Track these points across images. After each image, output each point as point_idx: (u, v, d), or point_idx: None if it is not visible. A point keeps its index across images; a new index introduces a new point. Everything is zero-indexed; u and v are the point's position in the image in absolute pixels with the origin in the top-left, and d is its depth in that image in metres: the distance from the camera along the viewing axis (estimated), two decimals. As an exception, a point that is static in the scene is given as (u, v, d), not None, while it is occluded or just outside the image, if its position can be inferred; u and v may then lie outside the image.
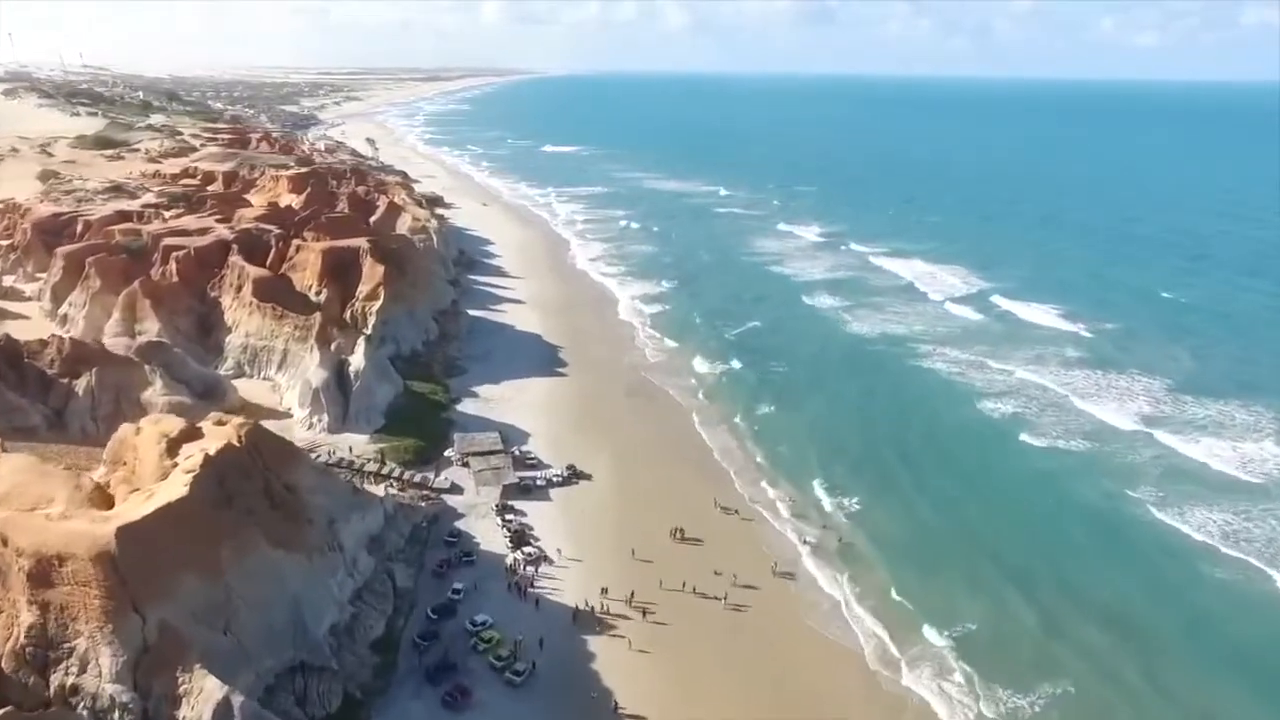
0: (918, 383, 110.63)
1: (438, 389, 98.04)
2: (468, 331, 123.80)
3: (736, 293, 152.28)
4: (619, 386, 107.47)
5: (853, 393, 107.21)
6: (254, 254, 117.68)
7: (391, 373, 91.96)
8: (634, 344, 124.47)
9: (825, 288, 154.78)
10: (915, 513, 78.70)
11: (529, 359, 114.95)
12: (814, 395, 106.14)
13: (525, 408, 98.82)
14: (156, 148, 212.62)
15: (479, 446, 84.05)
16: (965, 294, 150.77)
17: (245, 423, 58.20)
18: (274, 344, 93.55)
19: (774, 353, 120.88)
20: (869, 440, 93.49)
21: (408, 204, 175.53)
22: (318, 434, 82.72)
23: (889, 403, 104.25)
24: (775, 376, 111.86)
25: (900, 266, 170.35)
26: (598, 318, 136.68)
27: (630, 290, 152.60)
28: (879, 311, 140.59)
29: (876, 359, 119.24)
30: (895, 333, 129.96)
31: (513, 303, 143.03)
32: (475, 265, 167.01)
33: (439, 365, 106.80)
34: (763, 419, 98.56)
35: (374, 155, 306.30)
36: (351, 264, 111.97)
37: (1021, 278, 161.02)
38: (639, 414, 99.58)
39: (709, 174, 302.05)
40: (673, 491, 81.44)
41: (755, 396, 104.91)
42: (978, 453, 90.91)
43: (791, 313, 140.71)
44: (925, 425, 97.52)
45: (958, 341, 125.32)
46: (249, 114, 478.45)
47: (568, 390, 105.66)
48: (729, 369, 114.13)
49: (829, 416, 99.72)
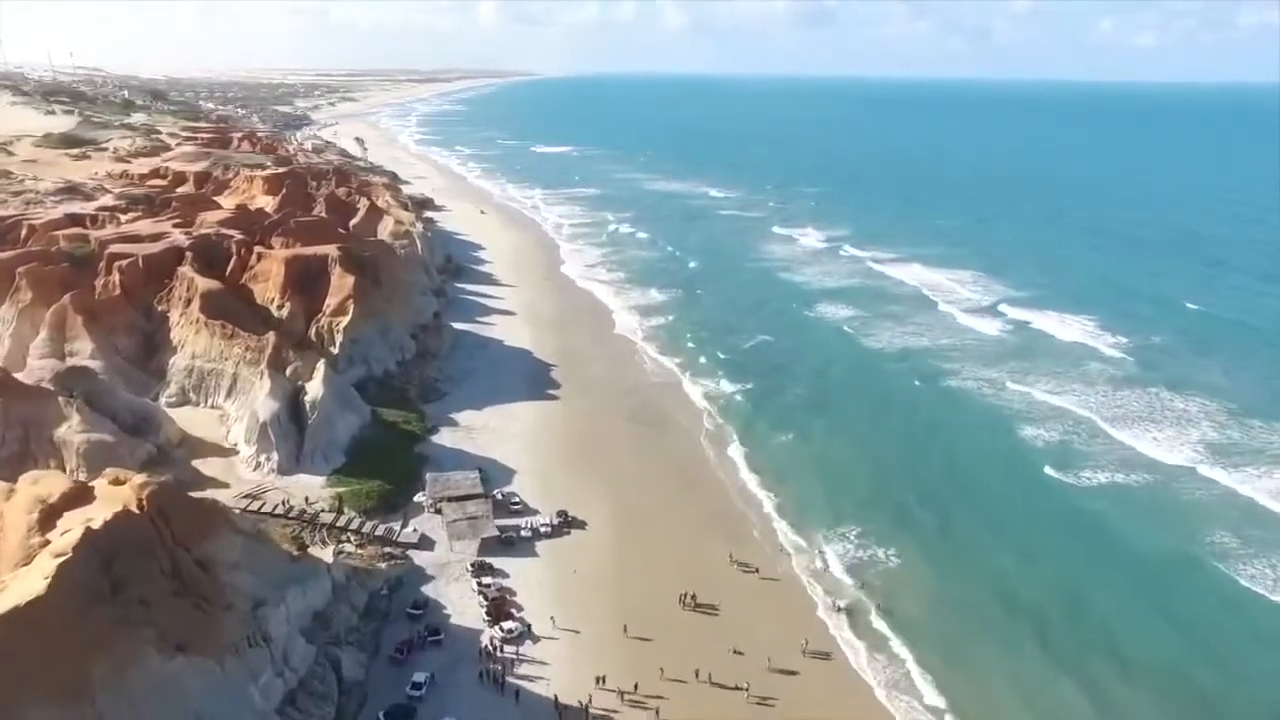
0: (937, 406, 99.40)
1: (411, 418, 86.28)
2: (450, 348, 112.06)
3: (740, 302, 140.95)
4: (617, 412, 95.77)
5: (870, 418, 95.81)
6: (213, 263, 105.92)
7: (356, 401, 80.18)
8: (633, 361, 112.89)
9: (833, 297, 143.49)
10: (954, 567, 67.54)
11: (517, 380, 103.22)
12: (831, 421, 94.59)
13: (511, 439, 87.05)
14: (127, 147, 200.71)
15: (455, 489, 72.29)
16: (976, 303, 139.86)
17: (149, 482, 46.38)
18: (223, 367, 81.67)
19: (785, 371, 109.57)
20: (894, 476, 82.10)
21: (391, 207, 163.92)
22: (265, 475, 70.89)
23: (909, 430, 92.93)
24: (789, 399, 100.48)
25: (907, 273, 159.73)
26: (593, 331, 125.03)
27: (628, 299, 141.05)
28: (890, 323, 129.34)
29: (892, 379, 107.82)
30: (909, 348, 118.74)
31: (502, 314, 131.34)
32: (463, 272, 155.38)
33: (415, 388, 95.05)
34: (778, 450, 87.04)
35: (363, 155, 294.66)
36: (319, 274, 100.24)
37: (1032, 284, 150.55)
38: (640, 445, 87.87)
39: (708, 175, 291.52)
40: (681, 542, 69.80)
41: (769, 423, 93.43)
42: (1011, 492, 79.75)
43: (800, 325, 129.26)
44: (949, 458, 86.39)
45: (973, 358, 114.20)
46: (241, 114, 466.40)
47: (560, 417, 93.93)
48: (739, 390, 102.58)
49: (848, 446, 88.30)
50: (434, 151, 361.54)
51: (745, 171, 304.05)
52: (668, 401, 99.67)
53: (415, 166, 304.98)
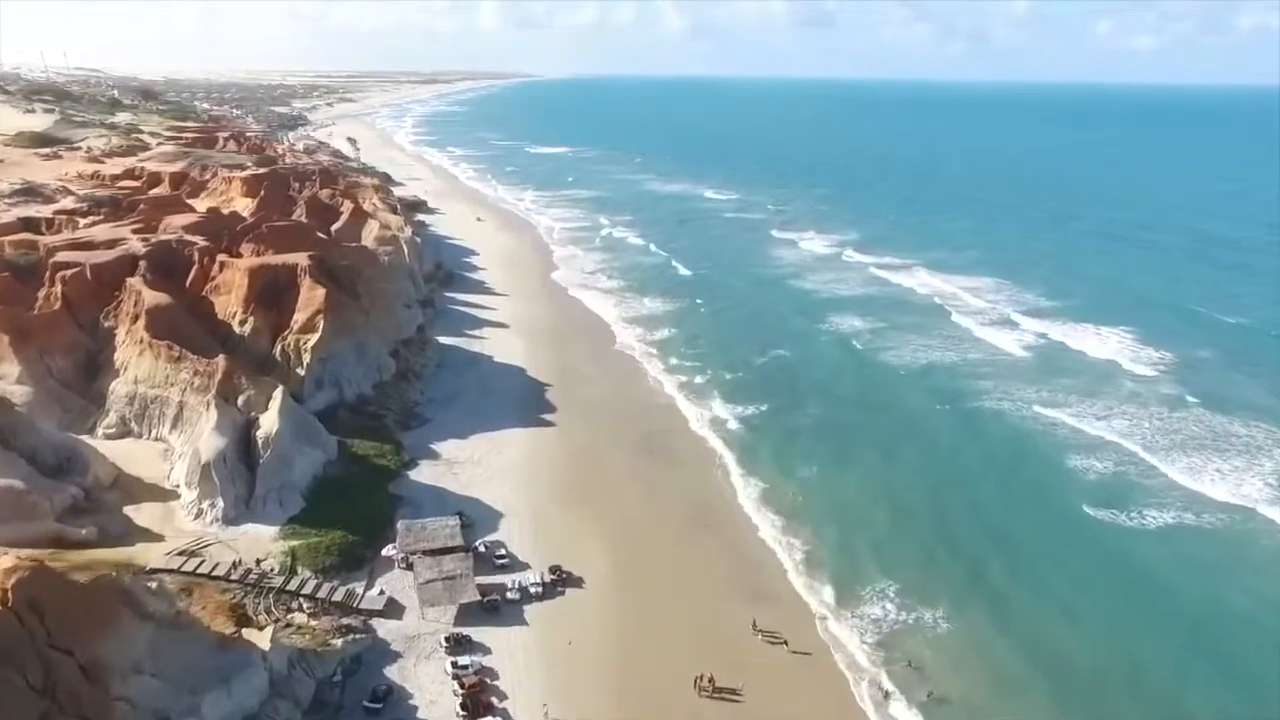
0: (964, 434, 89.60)
1: (386, 450, 76.06)
2: (436, 366, 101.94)
3: (745, 313, 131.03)
4: (619, 440, 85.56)
5: (894, 447, 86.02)
6: (172, 272, 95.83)
7: (320, 434, 69.93)
8: (635, 380, 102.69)
9: (842, 307, 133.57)
10: (1002, 631, 58.16)
11: (508, 402, 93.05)
12: (854, 451, 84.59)
13: (499, 474, 76.85)
14: (101, 146, 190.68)
15: (430, 540, 62.09)
16: (991, 314, 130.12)
17: (20, 566, 36.21)
18: (168, 394, 71.48)
19: (799, 391, 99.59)
20: (928, 517, 72.64)
21: (378, 210, 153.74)
22: (208, 525, 60.65)
23: (936, 462, 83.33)
24: (806, 424, 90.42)
25: (914, 280, 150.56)
26: (592, 345, 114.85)
27: (628, 310, 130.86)
28: (905, 337, 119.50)
29: (913, 401, 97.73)
30: (928, 365, 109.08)
31: (494, 326, 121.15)
32: (454, 280, 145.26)
33: (393, 414, 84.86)
34: (800, 486, 76.95)
35: (355, 156, 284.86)
36: (288, 286, 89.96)
37: (1046, 292, 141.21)
38: (645, 480, 77.64)
39: (709, 177, 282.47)
40: (695, 604, 59.71)
41: (787, 453, 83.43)
42: (1052, 537, 70.45)
43: (810, 339, 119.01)
44: (983, 495, 76.91)
45: (996, 377, 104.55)
46: (236, 114, 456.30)
47: (555, 446, 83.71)
48: (752, 413, 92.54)
49: (875, 481, 78.60)
50: (430, 152, 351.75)
51: (744, 173, 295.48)
52: (674, 427, 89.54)
53: (410, 168, 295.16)
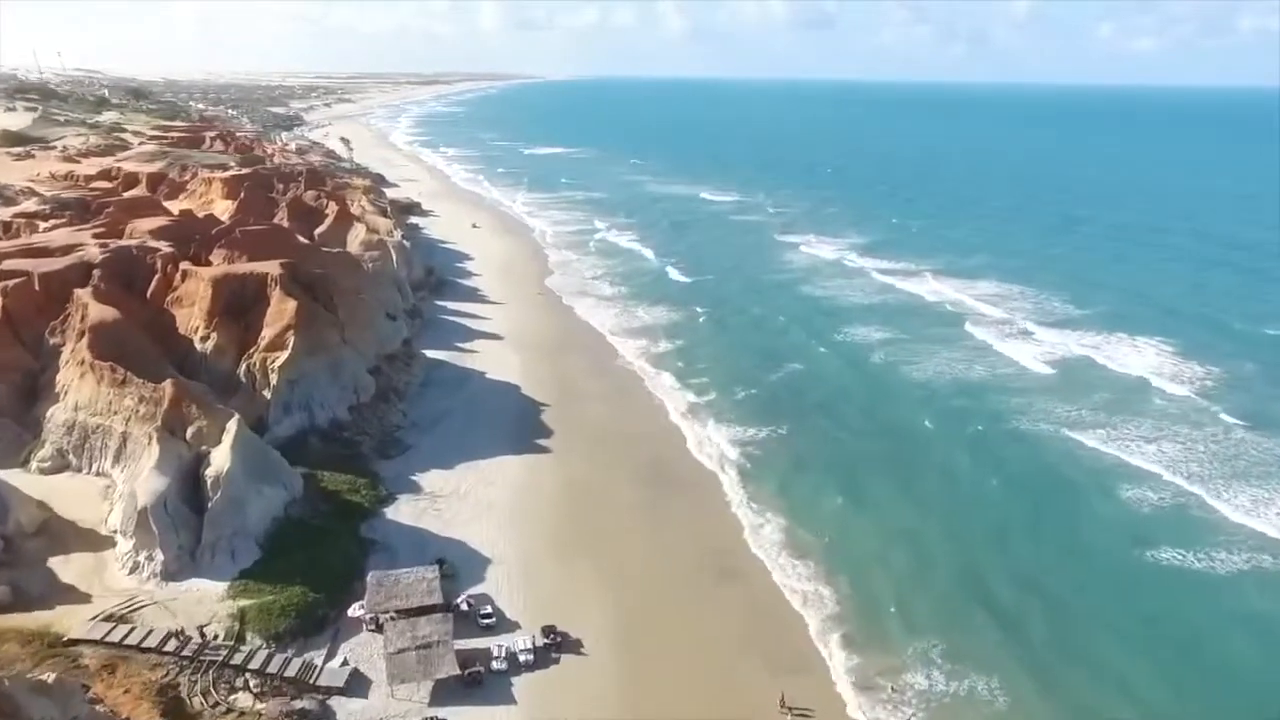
0: (996, 461, 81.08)
1: (360, 484, 67.55)
2: (421, 384, 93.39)
3: (752, 323, 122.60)
4: (622, 470, 77.05)
5: (924, 475, 77.97)
6: (132, 282, 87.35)
7: (281, 470, 61.33)
8: (640, 399, 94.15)
9: (854, 317, 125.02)
10: (1067, 706, 49.47)
11: (500, 425, 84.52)
12: (882, 481, 76.50)
13: (487, 511, 68.36)
14: (78, 146, 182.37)
15: (404, 596, 53.57)
16: (1008, 325, 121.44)
17: None
18: (110, 423, 62.96)
19: (814, 412, 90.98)
20: (968, 558, 65.09)
21: (366, 212, 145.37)
22: (145, 581, 52.08)
23: (972, 493, 75.29)
24: (824, 451, 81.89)
25: (924, 287, 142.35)
26: (592, 360, 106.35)
27: (630, 320, 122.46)
28: (920, 350, 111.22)
29: (935, 422, 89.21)
30: (948, 382, 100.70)
31: (487, 338, 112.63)
32: (446, 287, 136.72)
33: (370, 441, 76.33)
34: (825, 523, 68.58)
35: (348, 156, 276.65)
36: (256, 297, 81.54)
37: (1063, 301, 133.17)
38: (652, 518, 69.17)
39: (709, 178, 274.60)
40: (712, 674, 51.34)
41: (810, 483, 75.25)
42: (1108, 585, 62.22)
43: (823, 353, 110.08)
44: (1025, 533, 68.76)
45: (1021, 394, 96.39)
46: (231, 114, 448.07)
47: (551, 476, 75.19)
48: (769, 437, 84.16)
49: (907, 516, 70.62)
50: (426, 153, 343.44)
51: (743, 174, 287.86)
52: (680, 454, 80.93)
53: (405, 168, 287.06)
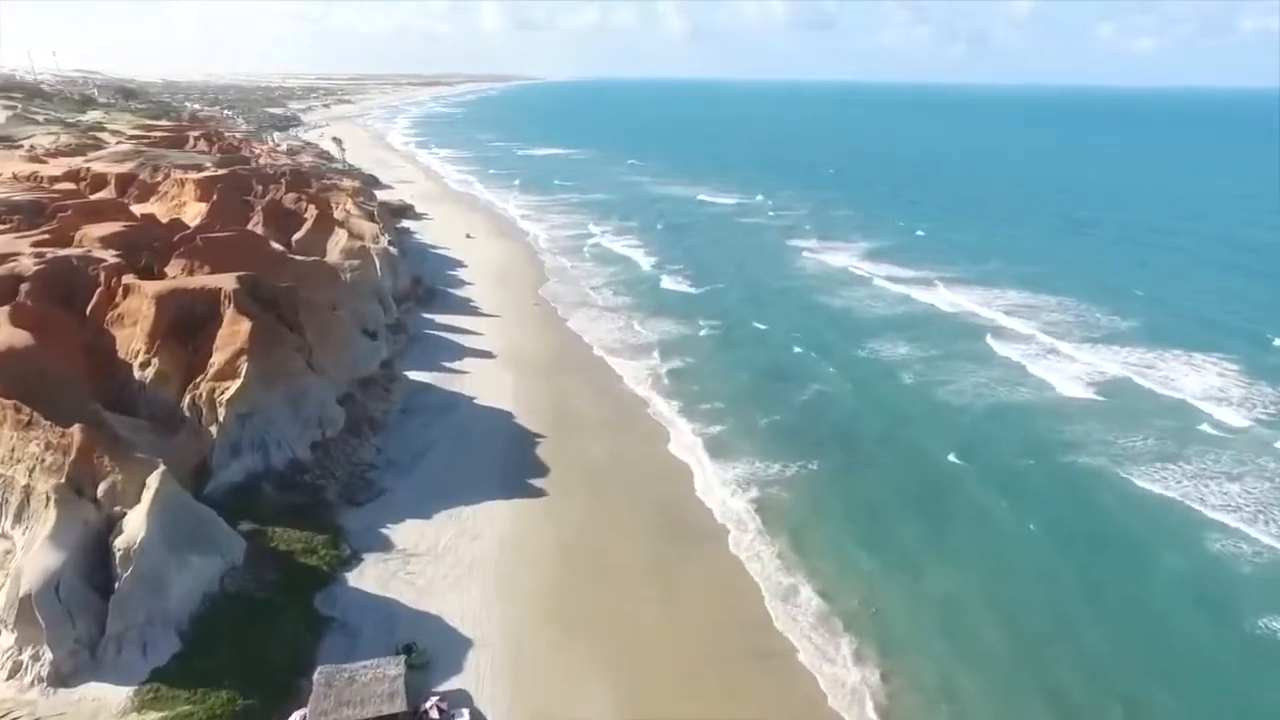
0: (1047, 504, 70.02)
1: (319, 541, 56.93)
2: (401, 411, 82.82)
3: (766, 338, 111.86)
4: (626, 518, 66.41)
5: (967, 525, 66.76)
6: (72, 297, 77.05)
7: (216, 532, 50.65)
8: (645, 427, 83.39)
9: (873, 331, 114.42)
10: None
11: (488, 462, 73.93)
12: (918, 529, 65.96)
13: (470, 572, 57.76)
14: (48, 145, 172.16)
15: (359, 700, 42.90)
16: (1034, 341, 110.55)
17: None
18: (13, 474, 52.32)
19: (841, 442, 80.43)
20: (1028, 642, 53.35)
21: (350, 216, 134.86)
22: (27, 688, 41.49)
23: (1020, 548, 64.05)
24: (856, 492, 71.38)
25: (942, 297, 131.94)
26: (593, 382, 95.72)
27: (634, 334, 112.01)
28: (947, 367, 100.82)
29: (974, 455, 78.03)
30: (982, 410, 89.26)
31: (478, 356, 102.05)
32: (435, 298, 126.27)
33: (337, 484, 65.71)
34: (871, 589, 57.99)
35: (340, 157, 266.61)
36: (208, 317, 71.04)
37: (1086, 312, 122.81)
38: (661, 581, 58.48)
39: (709, 179, 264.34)
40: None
41: (839, 538, 64.51)
42: (1212, 674, 51.31)
43: (844, 372, 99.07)
44: (1087, 603, 57.61)
45: (1066, 424, 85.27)
46: (227, 115, 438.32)
47: (545, 526, 64.56)
48: (788, 476, 73.68)
49: (951, 579, 59.65)
50: (422, 154, 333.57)
51: (743, 174, 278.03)
52: (693, 498, 70.19)
53: (400, 169, 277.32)
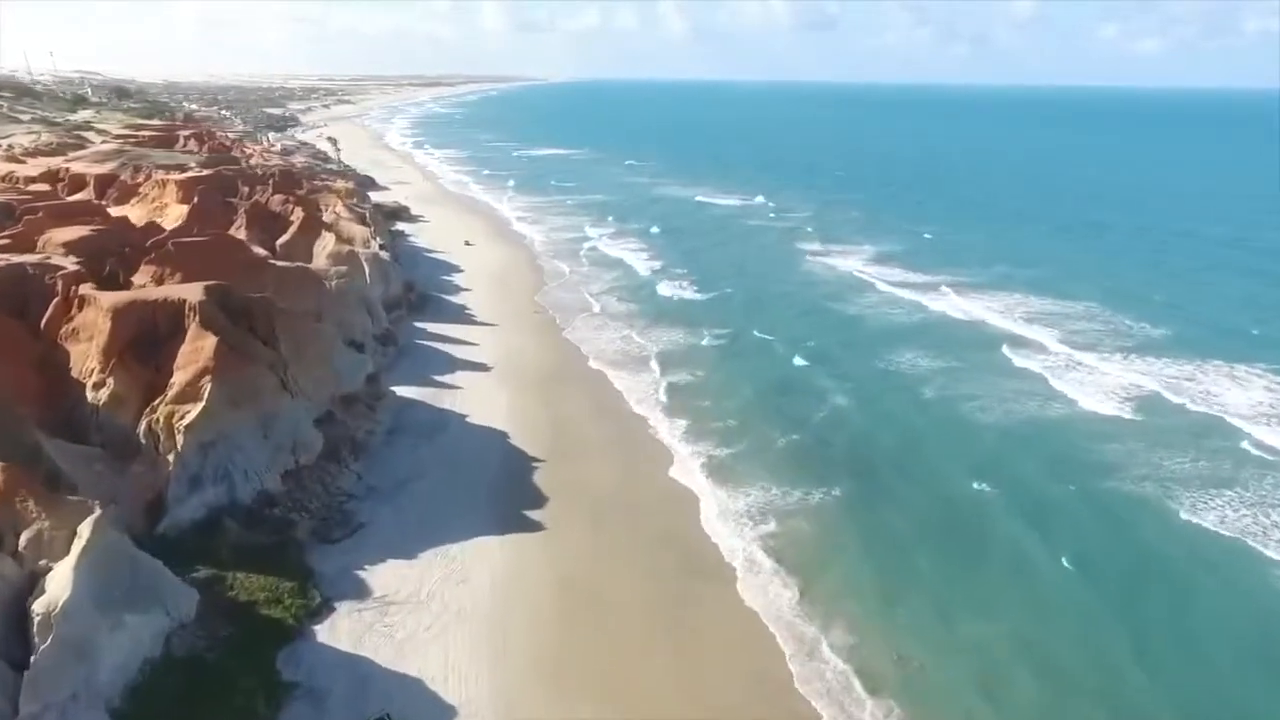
0: (1087, 541, 62.06)
1: (285, 588, 50.42)
2: (387, 432, 76.33)
3: (773, 350, 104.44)
4: (632, 557, 59.89)
5: (999, 565, 59.11)
6: (26, 308, 70.54)
7: (160, 585, 44.17)
8: (648, 450, 76.55)
9: (884, 342, 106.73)
10: None
11: (480, 491, 67.42)
12: (947, 569, 58.47)
13: (456, 626, 51.18)
14: (27, 144, 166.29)
15: (320, 793, 36.57)
16: (1056, 353, 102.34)
17: None
18: (-67, 517, 46.05)
19: (857, 467, 72.79)
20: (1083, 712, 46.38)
21: (340, 219, 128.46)
22: (-76, 785, 35.26)
23: (1060, 592, 56.42)
24: (876, 524, 63.99)
25: (955, 305, 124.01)
26: (593, 396, 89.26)
27: (635, 345, 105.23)
28: (966, 382, 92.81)
29: (1002, 482, 70.29)
30: (1005, 427, 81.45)
31: (472, 370, 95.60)
32: (429, 305, 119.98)
33: (309, 519, 59.18)
34: (892, 638, 51.25)
35: (336, 157, 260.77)
36: (172, 332, 64.60)
37: (1106, 320, 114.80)
38: (674, 634, 51.93)
39: (713, 181, 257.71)
40: None
41: (861, 578, 57.26)
42: None
43: (856, 387, 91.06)
44: (1139, 665, 49.64)
45: (1097, 445, 77.04)
46: (224, 115, 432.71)
47: (542, 567, 58.04)
48: (803, 506, 66.86)
49: (986, 629, 52.24)
50: (420, 154, 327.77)
51: (743, 175, 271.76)
52: (708, 530, 63.66)
53: (398, 170, 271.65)
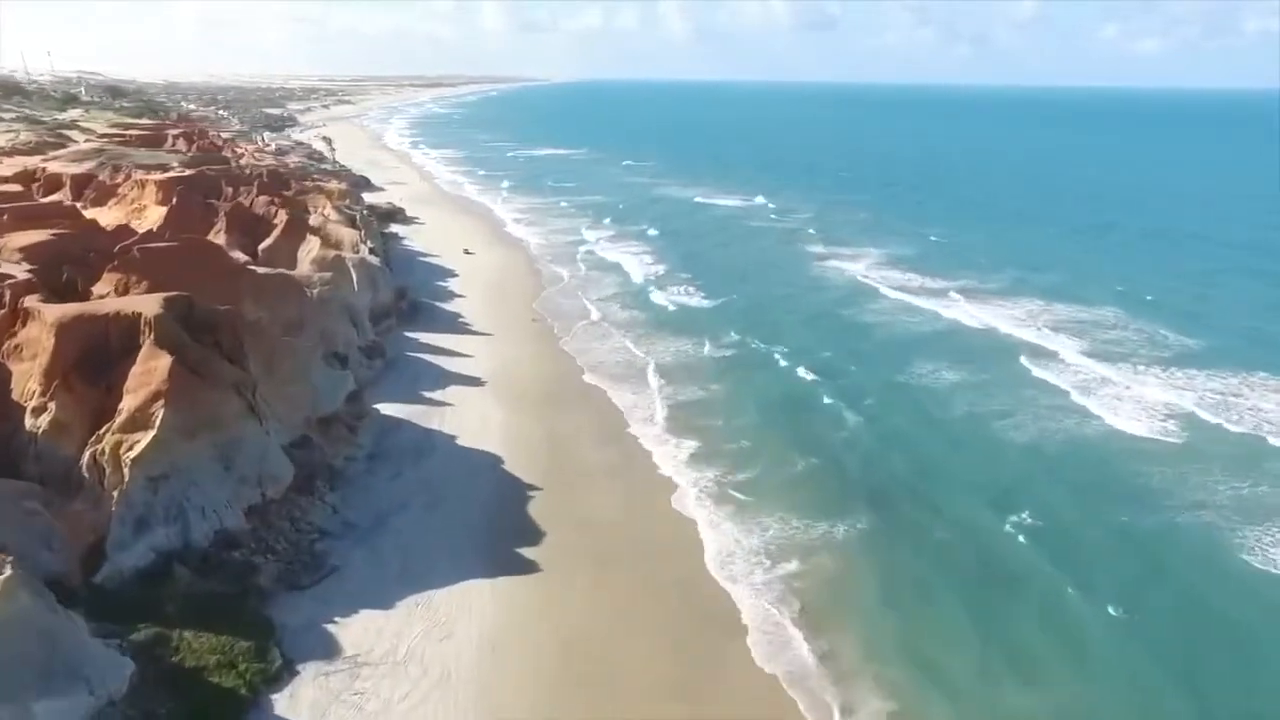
0: (1135, 592, 54.57)
1: (239, 651, 43.64)
2: (368, 456, 69.65)
3: (782, 363, 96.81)
4: (640, 606, 53.11)
5: (1038, 620, 51.46)
6: (-31, 321, 64.39)
7: (82, 655, 37.51)
8: (656, 480, 69.51)
9: (897, 354, 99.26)
10: None
11: (469, 527, 60.67)
12: (982, 625, 50.89)
13: (438, 694, 44.33)
14: (2, 143, 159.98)
15: None
16: (1080, 367, 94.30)
17: None
18: None
19: (876, 499, 65.75)
20: None
21: (328, 222, 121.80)
22: None
23: (1114, 657, 48.86)
24: (902, 566, 57.07)
25: (967, 312, 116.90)
26: (595, 415, 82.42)
27: (638, 358, 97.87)
28: (986, 401, 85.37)
29: (1035, 517, 62.57)
30: (1034, 453, 74.07)
31: (464, 384, 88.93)
32: (421, 313, 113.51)
33: (275, 561, 52.48)
34: (931, 711, 44.57)
35: (330, 157, 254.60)
36: (126, 350, 58.03)
37: (1132, 329, 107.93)
38: (686, 701, 45.31)
39: (714, 182, 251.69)
40: None
41: (892, 640, 49.88)
42: None
43: (878, 404, 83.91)
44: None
45: (1138, 476, 69.53)
46: (221, 115, 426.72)
47: (537, 619, 51.23)
48: (828, 546, 60.10)
49: (1037, 703, 45.41)
50: (418, 155, 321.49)
51: (743, 175, 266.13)
52: (720, 575, 56.57)
53: (395, 170, 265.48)
